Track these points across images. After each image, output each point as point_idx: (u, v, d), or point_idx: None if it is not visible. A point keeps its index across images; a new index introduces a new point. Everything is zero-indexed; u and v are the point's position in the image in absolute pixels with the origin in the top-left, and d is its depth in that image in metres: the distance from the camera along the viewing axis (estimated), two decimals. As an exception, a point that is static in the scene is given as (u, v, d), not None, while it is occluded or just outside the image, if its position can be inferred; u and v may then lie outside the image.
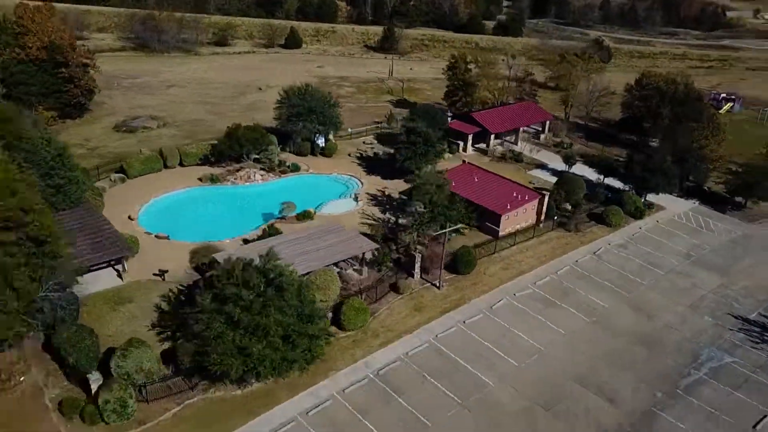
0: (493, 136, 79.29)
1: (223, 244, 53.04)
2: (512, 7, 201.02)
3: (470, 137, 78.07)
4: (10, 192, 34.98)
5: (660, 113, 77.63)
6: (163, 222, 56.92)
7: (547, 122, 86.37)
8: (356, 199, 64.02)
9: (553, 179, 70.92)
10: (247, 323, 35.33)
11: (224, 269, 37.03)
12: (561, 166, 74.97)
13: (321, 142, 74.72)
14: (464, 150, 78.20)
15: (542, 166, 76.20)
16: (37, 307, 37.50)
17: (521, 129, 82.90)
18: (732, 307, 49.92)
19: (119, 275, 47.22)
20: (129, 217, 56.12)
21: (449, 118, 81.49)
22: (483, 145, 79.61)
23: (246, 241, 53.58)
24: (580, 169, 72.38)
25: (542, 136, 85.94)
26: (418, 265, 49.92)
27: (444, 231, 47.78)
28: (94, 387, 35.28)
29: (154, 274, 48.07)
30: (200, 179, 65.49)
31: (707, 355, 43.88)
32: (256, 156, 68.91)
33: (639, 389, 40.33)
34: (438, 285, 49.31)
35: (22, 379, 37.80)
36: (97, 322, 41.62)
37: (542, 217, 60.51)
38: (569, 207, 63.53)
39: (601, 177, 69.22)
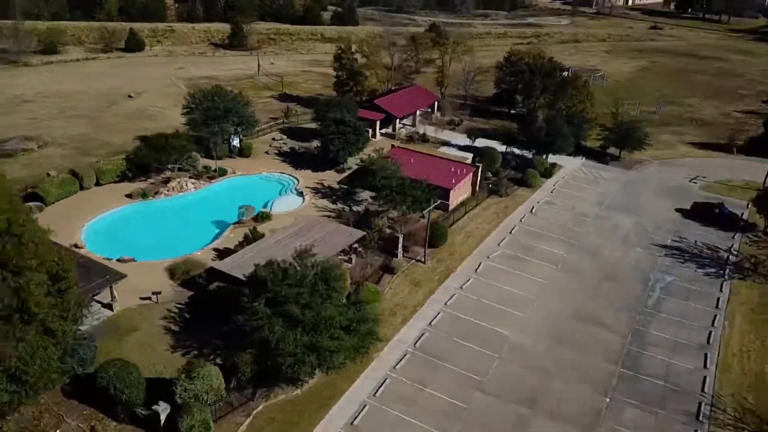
0: (398, 120, 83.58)
1: (196, 257, 50.92)
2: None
3: (378, 123, 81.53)
4: (34, 230, 31.30)
5: (533, 85, 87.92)
6: (113, 244, 52.60)
7: (435, 103, 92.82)
8: (301, 194, 64.41)
9: (462, 154, 77.54)
10: (310, 319, 35.72)
11: (275, 272, 36.73)
12: (464, 141, 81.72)
13: (236, 142, 73.02)
14: (373, 136, 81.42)
15: (447, 144, 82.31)
16: (68, 348, 34.01)
17: (417, 111, 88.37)
18: (651, 238, 60.15)
19: (106, 305, 43.43)
20: (75, 246, 50.86)
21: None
22: (389, 130, 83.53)
23: (218, 251, 51.93)
24: (482, 142, 79.72)
25: (432, 117, 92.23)
26: (401, 246, 52.72)
27: (430, 209, 51.10)
28: (163, 416, 33.24)
29: (142, 299, 44.99)
30: (129, 196, 60.88)
31: (654, 278, 52.95)
32: (179, 165, 65.69)
33: (621, 315, 47.76)
34: (423, 260, 52.63)
35: (57, 432, 34.13)
36: (113, 355, 38.39)
37: (477, 188, 66.36)
38: (490, 175, 70.27)
39: (506, 147, 76.95)
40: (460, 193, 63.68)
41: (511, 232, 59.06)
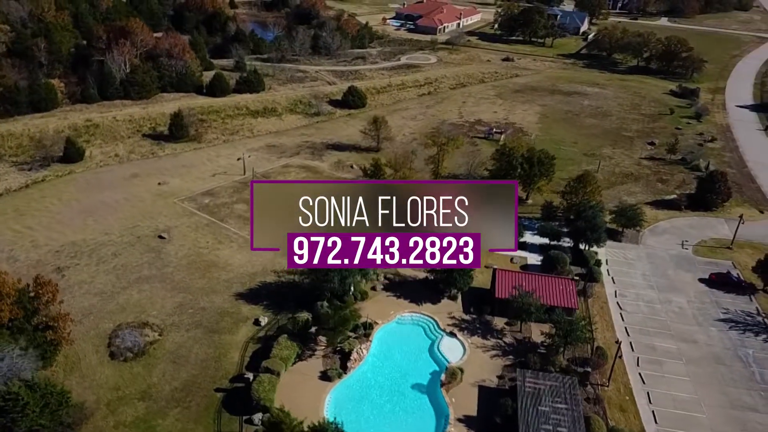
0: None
1: (454, 433, 58.86)
2: (222, 51, 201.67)
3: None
4: None
5: (534, 174, 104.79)
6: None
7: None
8: (453, 335, 73.35)
9: (513, 253, 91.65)
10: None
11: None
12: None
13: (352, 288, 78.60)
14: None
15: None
16: None
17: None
18: (709, 314, 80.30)
19: None
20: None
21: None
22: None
23: (462, 421, 60.17)
24: (526, 238, 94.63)
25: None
26: (591, 378, 65.88)
27: (619, 346, 65.00)
28: None
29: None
30: (324, 377, 65.02)
31: (742, 355, 72.91)
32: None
33: (755, 395, 66.73)
34: (607, 384, 66.47)
35: None
36: None
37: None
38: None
39: (550, 242, 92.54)
40: (570, 307, 78.07)
41: (628, 335, 75.21)
